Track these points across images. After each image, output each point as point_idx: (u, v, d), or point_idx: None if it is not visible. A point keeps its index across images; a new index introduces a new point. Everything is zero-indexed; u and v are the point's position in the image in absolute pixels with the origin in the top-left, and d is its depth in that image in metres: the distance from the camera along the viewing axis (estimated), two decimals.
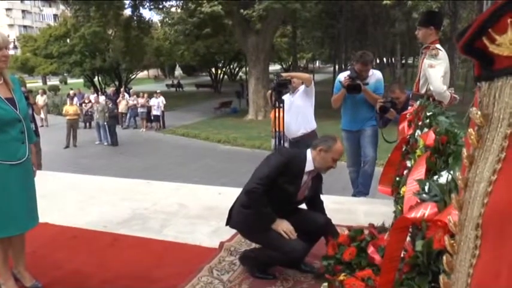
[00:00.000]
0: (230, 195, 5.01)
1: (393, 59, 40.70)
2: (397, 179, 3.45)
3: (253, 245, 3.58)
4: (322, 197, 3.58)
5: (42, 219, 3.14)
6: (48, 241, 3.84)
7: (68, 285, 3.17)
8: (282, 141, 6.06)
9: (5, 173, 2.75)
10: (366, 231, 3.03)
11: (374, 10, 28.34)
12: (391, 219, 3.08)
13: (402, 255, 1.71)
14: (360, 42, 34.72)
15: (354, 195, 5.44)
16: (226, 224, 3.30)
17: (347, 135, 5.54)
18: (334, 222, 3.99)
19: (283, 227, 3.04)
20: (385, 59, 40.76)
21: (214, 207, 4.60)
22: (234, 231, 3.85)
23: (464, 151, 0.91)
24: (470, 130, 0.87)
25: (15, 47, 49.47)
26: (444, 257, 0.97)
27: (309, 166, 3.18)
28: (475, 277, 0.85)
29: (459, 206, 0.91)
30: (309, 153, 3.22)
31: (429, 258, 1.55)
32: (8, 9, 78.87)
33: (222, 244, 3.58)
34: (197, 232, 3.94)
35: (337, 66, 32.30)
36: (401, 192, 2.76)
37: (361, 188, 5.43)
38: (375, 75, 5.35)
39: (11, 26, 75.22)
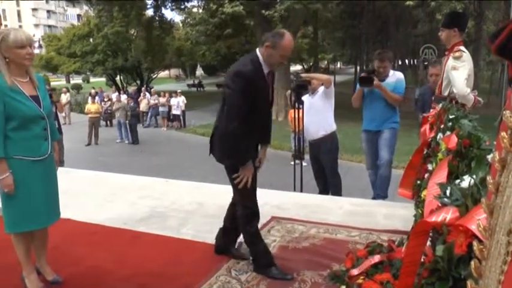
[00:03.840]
0: None
1: (415, 61, 40.27)
2: (418, 182, 3.41)
3: (272, 246, 3.58)
4: (341, 198, 3.57)
5: (63, 215, 3.19)
6: (68, 236, 3.90)
7: (87, 280, 3.22)
8: (301, 142, 6.06)
9: (27, 168, 2.81)
10: (385, 244, 3.00)
11: (396, 11, 28.06)
12: (411, 223, 3.04)
13: (422, 259, 1.69)
14: (381, 43, 34.41)
15: (374, 198, 5.39)
16: (210, 154, 3.34)
17: (366, 136, 5.50)
18: (352, 224, 3.98)
19: (246, 172, 3.06)
20: (407, 61, 40.33)
21: None
22: None
23: (496, 154, 0.88)
24: (503, 133, 0.84)
25: (40, 46, 50.32)
26: (472, 263, 0.95)
27: (265, 68, 3.09)
28: (506, 284, 0.82)
29: (489, 210, 0.89)
30: (258, 52, 3.08)
31: (450, 263, 1.52)
32: (34, 10, 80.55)
33: (240, 244, 3.58)
34: (215, 231, 3.92)
35: (358, 67, 32.08)
36: (422, 195, 2.72)
37: (378, 190, 5.38)
38: (396, 75, 5.31)
39: (36, 25, 76.71)
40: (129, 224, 4.21)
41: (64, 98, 21.67)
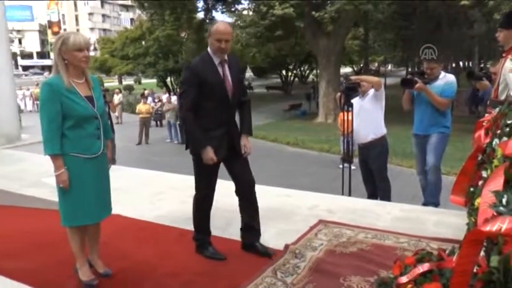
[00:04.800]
0: (297, 197, 5.04)
1: (470, 63, 38.92)
2: (471, 189, 3.29)
3: (318, 249, 3.56)
4: (390, 203, 3.51)
5: (114, 211, 3.31)
6: (118, 232, 4.03)
7: (135, 274, 3.31)
8: (350, 145, 5.99)
9: (80, 165, 2.95)
10: (435, 252, 2.90)
11: (450, 11, 27.19)
12: (462, 232, 2.95)
13: (474, 270, 1.63)
14: (434, 44, 33.47)
15: (424, 204, 5.25)
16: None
17: (415, 140, 5.37)
18: (401, 230, 3.89)
19: (205, 157, 3.29)
20: (461, 63, 39.04)
21: (281, 209, 4.61)
22: (299, 234, 3.86)
23: None
24: None
25: (95, 49, 52.28)
26: None
27: (215, 59, 3.34)
28: None
29: None
30: (209, 47, 3.38)
31: (506, 275, 1.46)
32: (90, 14, 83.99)
33: (287, 246, 3.58)
34: (262, 232, 3.95)
35: (409, 70, 31.33)
36: (475, 203, 2.63)
37: (428, 197, 5.23)
38: (446, 78, 5.14)
39: (92, 29, 79.87)
40: (177, 222, 4.29)
41: (116, 98, 22.37)
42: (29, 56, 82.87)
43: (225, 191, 5.38)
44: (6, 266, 3.47)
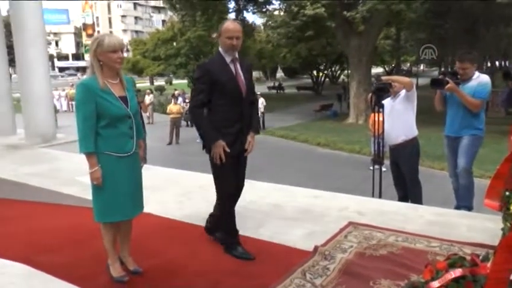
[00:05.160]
0: (326, 199, 5.02)
1: (507, 63, 37.89)
2: (507, 193, 3.21)
3: (348, 251, 3.53)
4: (421, 206, 3.45)
5: (144, 209, 3.36)
6: (149, 230, 4.09)
7: (165, 272, 3.36)
8: (380, 147, 5.92)
9: (113, 164, 3.02)
10: (468, 258, 2.84)
11: (486, 9, 26.52)
12: (497, 237, 2.88)
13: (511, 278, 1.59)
14: (468, 44, 32.70)
15: (457, 208, 5.14)
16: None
17: (447, 142, 5.27)
18: (432, 234, 3.82)
19: (215, 150, 3.37)
20: (497, 63, 38.05)
21: (310, 210, 4.59)
22: (329, 235, 3.84)
23: None
24: None
25: (127, 50, 53.16)
26: None
27: (227, 58, 3.47)
28: None
29: None
30: (219, 47, 3.53)
31: None
32: (123, 16, 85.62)
33: (316, 248, 3.56)
34: (292, 234, 3.94)
35: (442, 70, 30.72)
36: (510, 208, 2.57)
37: (461, 201, 5.12)
38: (480, 79, 4.99)
39: (124, 31, 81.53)
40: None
41: (147, 99, 22.70)
42: (65, 57, 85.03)
43: (258, 191, 5.42)
44: (41, 260, 3.58)
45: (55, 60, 78.34)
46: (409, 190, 5.48)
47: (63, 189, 5.60)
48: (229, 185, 3.55)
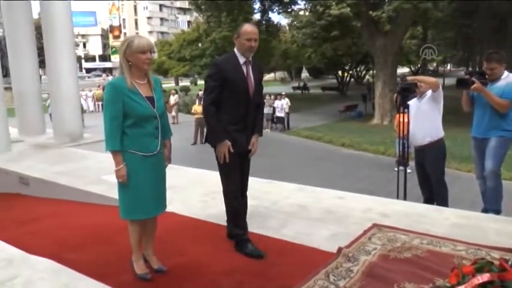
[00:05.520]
0: (351, 200, 4.99)
1: None
2: None
3: (372, 254, 3.51)
4: (447, 209, 3.41)
5: (169, 208, 3.41)
6: (173, 229, 4.13)
7: (189, 271, 3.39)
8: (406, 148, 5.86)
9: (138, 162, 3.08)
10: (496, 262, 2.78)
11: None
12: None
13: None
14: (497, 43, 31.98)
15: (485, 210, 5.05)
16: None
17: (474, 143, 5.17)
18: (458, 238, 3.76)
19: (220, 149, 3.51)
20: None
21: (334, 211, 4.57)
22: (352, 237, 3.82)
23: None
24: None
25: (153, 51, 53.54)
26: None
27: (241, 59, 3.57)
28: None
29: None
30: (235, 47, 3.62)
31: None
32: (148, 18, 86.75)
33: (340, 249, 3.55)
34: (315, 235, 3.93)
35: (470, 69, 30.15)
36: None
37: (488, 204, 5.01)
38: (509, 78, 4.86)
39: (150, 32, 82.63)
40: None
41: (172, 99, 22.93)
42: (92, 59, 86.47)
43: (282, 192, 5.42)
44: (69, 257, 3.67)
45: (82, 61, 79.73)
46: (434, 192, 5.40)
47: (90, 188, 5.72)
48: (233, 183, 3.66)
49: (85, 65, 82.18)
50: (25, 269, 3.31)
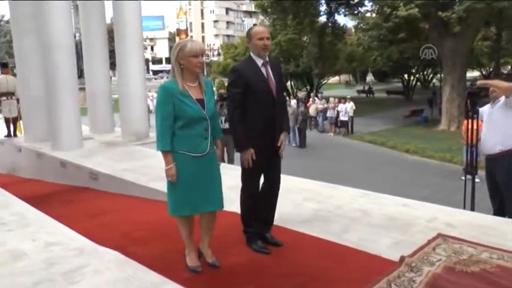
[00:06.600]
0: (415, 207, 4.84)
1: None
2: None
3: (436, 265, 3.40)
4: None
5: (229, 208, 3.47)
6: (233, 228, 4.13)
7: (246, 270, 3.43)
8: (474, 156, 5.61)
9: (187, 162, 3.18)
10: None
11: None
12: None
13: None
14: None
15: None
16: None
17: None
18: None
19: (244, 156, 3.54)
20: None
21: (398, 219, 4.45)
22: (416, 246, 3.71)
23: None
24: None
25: (218, 54, 54.60)
26: None
27: (258, 61, 3.61)
28: None
29: None
30: (250, 52, 3.68)
31: None
32: (215, 21, 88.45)
33: (403, 258, 3.45)
34: (378, 242, 3.85)
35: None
36: None
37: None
38: None
39: (216, 35, 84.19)
40: (291, 224, 4.31)
41: None
42: (159, 61, 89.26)
43: (345, 196, 5.35)
44: (136, 251, 3.84)
45: (150, 63, 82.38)
46: (505, 204, 5.13)
47: (153, 185, 5.94)
48: (253, 186, 3.72)
49: (152, 67, 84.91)
50: (94, 259, 3.48)
